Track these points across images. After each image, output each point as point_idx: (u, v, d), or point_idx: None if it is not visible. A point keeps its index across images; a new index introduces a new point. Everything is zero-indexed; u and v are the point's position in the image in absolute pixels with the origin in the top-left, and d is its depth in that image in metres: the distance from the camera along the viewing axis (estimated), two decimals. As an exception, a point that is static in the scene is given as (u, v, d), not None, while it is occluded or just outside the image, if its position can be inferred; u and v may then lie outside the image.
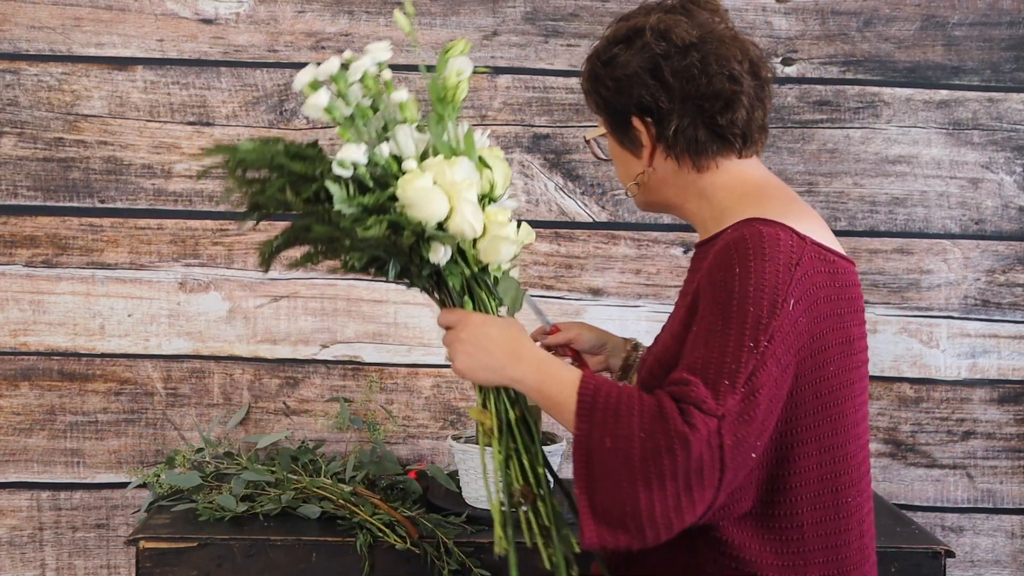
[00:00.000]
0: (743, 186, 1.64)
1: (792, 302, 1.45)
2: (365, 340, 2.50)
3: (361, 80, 1.57)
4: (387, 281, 1.58)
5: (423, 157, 1.59)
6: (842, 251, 1.59)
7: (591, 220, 2.49)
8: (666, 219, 2.50)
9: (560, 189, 2.49)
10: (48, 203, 2.45)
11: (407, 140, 1.56)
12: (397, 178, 1.53)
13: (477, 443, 2.19)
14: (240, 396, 2.49)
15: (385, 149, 1.53)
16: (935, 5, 2.51)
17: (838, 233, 2.50)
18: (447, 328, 1.62)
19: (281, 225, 2.47)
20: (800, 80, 2.50)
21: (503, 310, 1.64)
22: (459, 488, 2.23)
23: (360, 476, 2.21)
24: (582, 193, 2.49)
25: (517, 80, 2.47)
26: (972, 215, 2.53)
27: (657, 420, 1.40)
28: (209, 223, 2.47)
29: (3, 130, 2.44)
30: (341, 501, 2.11)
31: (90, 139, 2.45)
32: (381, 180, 1.53)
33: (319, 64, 1.54)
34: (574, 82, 2.47)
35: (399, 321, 2.49)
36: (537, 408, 2.13)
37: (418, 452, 2.51)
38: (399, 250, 1.54)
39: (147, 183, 2.46)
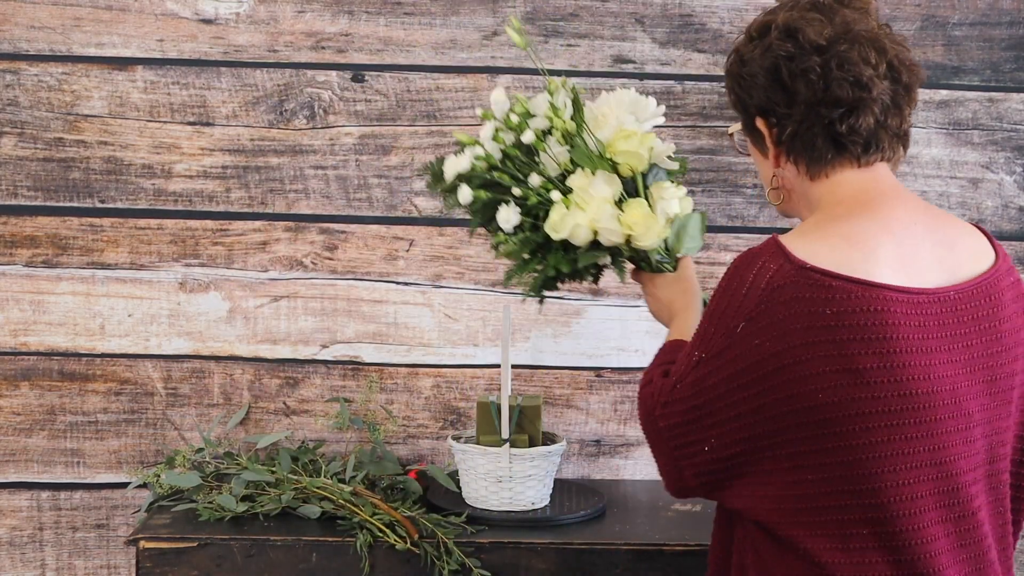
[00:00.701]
0: (837, 206, 1.57)
1: (742, 324, 1.48)
2: (365, 340, 2.50)
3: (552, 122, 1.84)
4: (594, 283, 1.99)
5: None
6: (889, 281, 1.48)
7: (591, 220, 2.49)
8: (666, 219, 2.50)
9: (560, 189, 2.49)
10: (48, 203, 2.45)
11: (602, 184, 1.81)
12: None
13: (477, 442, 2.19)
14: (240, 396, 2.49)
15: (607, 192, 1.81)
16: (935, 5, 2.51)
17: (838, 233, 2.50)
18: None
19: (281, 225, 2.47)
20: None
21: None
22: (459, 488, 2.23)
23: (360, 476, 2.21)
24: (582, 193, 2.49)
25: (517, 80, 2.47)
26: (972, 215, 2.53)
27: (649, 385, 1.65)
28: (209, 223, 2.47)
29: (3, 130, 2.44)
30: (341, 501, 2.11)
31: (90, 139, 2.45)
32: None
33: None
34: (574, 82, 2.47)
35: (399, 321, 2.49)
36: (536, 409, 2.13)
37: (418, 452, 2.51)
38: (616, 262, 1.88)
39: (147, 183, 2.46)
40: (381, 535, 2.04)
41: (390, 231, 2.48)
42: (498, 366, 2.48)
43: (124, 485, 2.46)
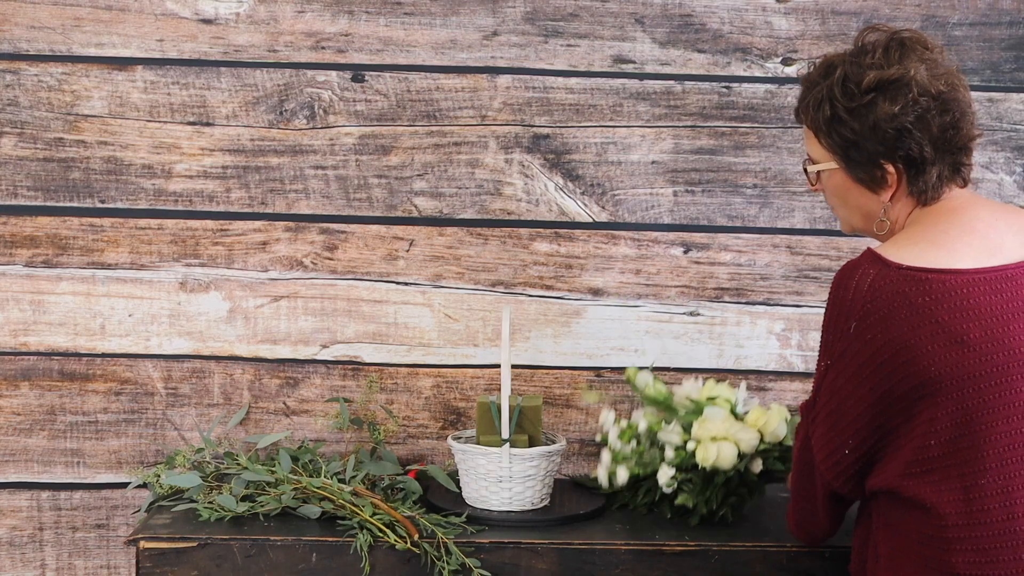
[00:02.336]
0: (926, 217, 1.79)
1: (853, 324, 1.70)
2: (365, 340, 2.50)
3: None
4: None
5: None
6: (970, 266, 1.71)
7: (591, 220, 2.49)
8: (666, 219, 2.50)
9: (560, 189, 2.49)
10: (48, 203, 2.45)
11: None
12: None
13: (477, 442, 2.19)
14: (240, 396, 2.49)
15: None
16: (935, 5, 2.51)
17: (838, 233, 2.50)
18: None
19: (281, 225, 2.47)
20: (800, 80, 2.50)
21: None
22: (459, 488, 2.23)
23: (360, 476, 2.21)
24: (582, 193, 2.49)
25: (517, 80, 2.47)
26: (972, 215, 2.53)
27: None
28: (209, 223, 2.47)
29: (3, 130, 2.44)
30: (341, 501, 2.11)
31: (90, 139, 2.45)
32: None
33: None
34: (574, 82, 2.48)
35: (399, 321, 2.50)
36: (536, 409, 2.14)
37: (418, 452, 2.51)
38: None
39: (147, 183, 2.46)
40: (381, 535, 2.04)
41: (390, 231, 2.48)
42: (498, 366, 2.48)
43: (124, 485, 2.46)
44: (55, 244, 2.45)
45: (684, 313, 2.51)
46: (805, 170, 1.91)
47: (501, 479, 2.15)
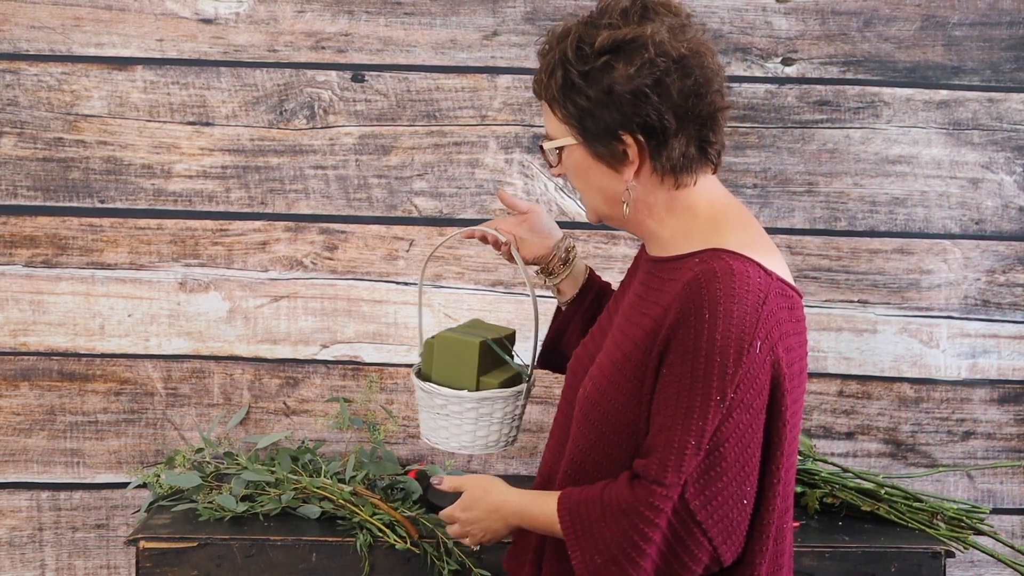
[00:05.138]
0: (711, 207, 1.63)
1: (759, 344, 1.50)
2: (365, 340, 2.50)
3: None
4: None
5: None
6: (792, 281, 1.60)
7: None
8: (666, 219, 2.50)
9: (560, 189, 2.49)
10: (48, 203, 2.45)
11: None
12: None
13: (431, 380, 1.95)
14: (240, 396, 2.49)
15: None
16: (935, 5, 2.51)
17: (838, 233, 2.51)
18: (450, 525, 1.78)
19: (281, 225, 2.47)
20: (800, 80, 2.50)
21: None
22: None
23: (360, 476, 2.21)
24: (582, 193, 2.49)
25: (517, 80, 2.47)
26: (972, 215, 2.53)
27: (624, 517, 1.53)
28: (209, 223, 2.47)
29: (3, 130, 2.44)
30: (341, 501, 2.11)
31: (90, 139, 2.45)
32: None
33: None
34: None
35: (399, 321, 2.49)
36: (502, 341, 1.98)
37: (418, 452, 2.51)
38: None
39: (147, 183, 2.46)
40: (381, 535, 2.04)
41: (390, 231, 2.48)
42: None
43: (124, 485, 2.46)
44: (55, 244, 2.45)
45: (684, 313, 2.51)
46: (542, 148, 1.68)
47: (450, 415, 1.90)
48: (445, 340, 1.89)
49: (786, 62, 2.50)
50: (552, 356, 1.96)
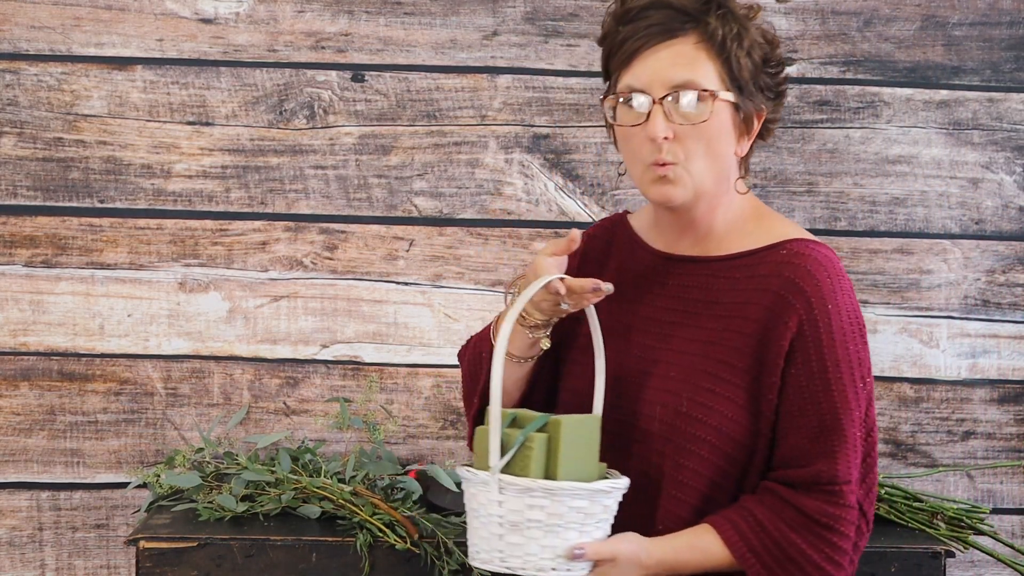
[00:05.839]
0: (749, 199, 1.61)
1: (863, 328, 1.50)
2: (365, 340, 2.49)
3: None
4: None
5: None
6: None
7: (591, 220, 2.49)
8: (666, 219, 2.50)
9: (560, 189, 2.49)
10: (48, 203, 2.45)
11: None
12: None
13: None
14: (240, 396, 2.49)
15: None
16: (935, 5, 2.51)
17: (838, 233, 2.51)
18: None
19: (281, 225, 2.47)
20: (800, 80, 2.50)
21: None
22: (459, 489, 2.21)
23: (360, 476, 2.21)
24: (582, 193, 2.49)
25: (517, 80, 2.47)
26: (972, 215, 2.53)
27: (818, 527, 1.44)
28: (209, 223, 2.47)
29: (3, 130, 2.44)
30: (341, 501, 2.11)
31: (89, 139, 2.45)
32: None
33: None
34: (574, 82, 2.47)
35: (399, 321, 2.49)
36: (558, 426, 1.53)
37: (418, 452, 2.51)
38: None
39: (146, 183, 2.46)
40: (381, 535, 2.04)
41: (390, 231, 2.48)
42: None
43: (124, 485, 2.46)
44: (54, 244, 2.45)
45: (684, 313, 2.51)
46: (674, 97, 1.49)
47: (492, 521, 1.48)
48: (572, 423, 1.46)
49: (786, 62, 2.50)
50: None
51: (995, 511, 2.55)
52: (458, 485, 2.23)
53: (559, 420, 1.44)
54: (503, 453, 1.43)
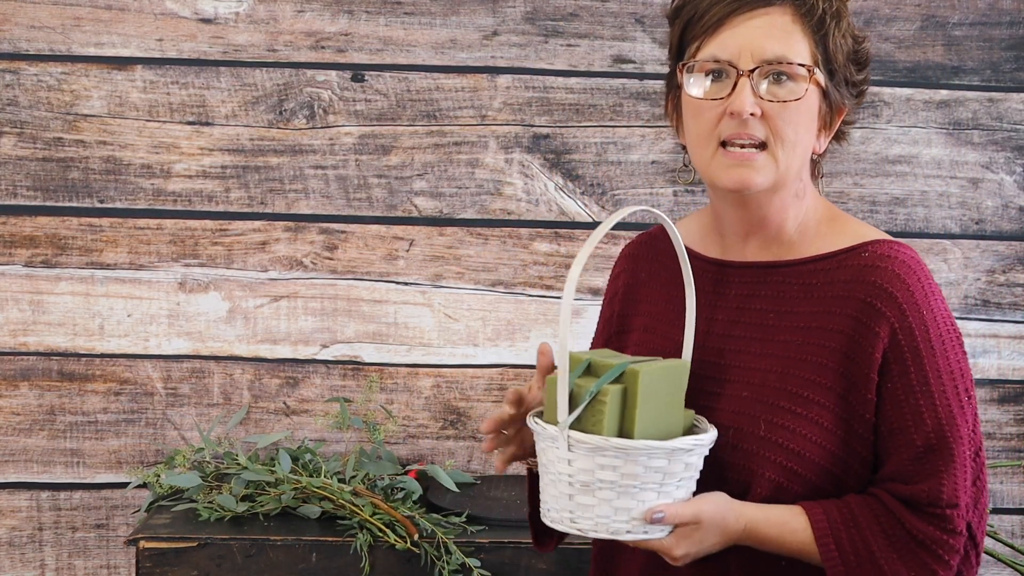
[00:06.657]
0: (818, 199, 1.50)
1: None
2: (365, 340, 2.49)
3: None
4: None
5: None
6: None
7: (591, 220, 2.49)
8: (666, 219, 2.50)
9: (560, 189, 2.49)
10: (47, 203, 2.45)
11: None
12: None
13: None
14: (240, 396, 2.49)
15: None
16: (935, 5, 2.51)
17: (838, 233, 2.50)
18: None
19: (281, 225, 2.47)
20: None
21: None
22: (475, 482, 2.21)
23: (360, 476, 2.21)
24: (582, 193, 2.49)
25: (517, 80, 2.47)
26: (972, 215, 2.53)
27: (922, 549, 1.32)
28: (209, 223, 2.47)
29: (3, 130, 2.44)
30: (341, 501, 2.11)
31: (89, 139, 2.45)
32: None
33: None
34: (574, 82, 2.47)
35: (399, 321, 2.49)
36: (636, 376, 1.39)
37: (418, 452, 2.51)
38: None
39: (146, 183, 2.46)
40: (381, 535, 2.04)
41: (390, 231, 2.48)
42: (498, 366, 2.49)
43: (124, 485, 2.46)
44: (54, 244, 2.45)
45: (684, 313, 2.51)
46: (774, 75, 1.37)
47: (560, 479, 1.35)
48: (653, 372, 1.32)
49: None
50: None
51: (995, 511, 2.55)
52: (458, 485, 2.23)
53: (637, 370, 1.30)
54: (574, 407, 1.30)
